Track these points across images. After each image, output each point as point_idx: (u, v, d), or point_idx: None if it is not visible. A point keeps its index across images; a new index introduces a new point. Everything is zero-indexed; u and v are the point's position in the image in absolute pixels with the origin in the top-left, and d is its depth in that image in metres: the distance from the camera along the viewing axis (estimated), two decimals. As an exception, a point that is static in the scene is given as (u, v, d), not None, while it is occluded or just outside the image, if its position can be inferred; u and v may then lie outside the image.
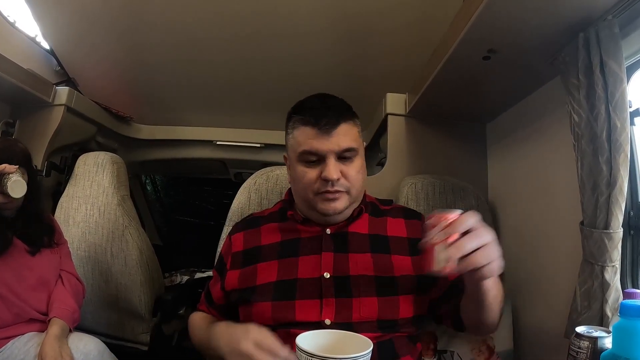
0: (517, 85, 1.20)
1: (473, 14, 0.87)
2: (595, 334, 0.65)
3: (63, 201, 1.66)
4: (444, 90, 1.28)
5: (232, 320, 0.82)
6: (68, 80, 1.84)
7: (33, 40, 1.72)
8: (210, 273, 1.37)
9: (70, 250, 1.39)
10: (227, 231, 1.16)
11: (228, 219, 1.21)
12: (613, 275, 0.81)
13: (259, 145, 2.12)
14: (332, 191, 0.80)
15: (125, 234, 1.57)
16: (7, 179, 1.07)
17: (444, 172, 1.43)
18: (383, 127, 1.57)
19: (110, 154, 1.70)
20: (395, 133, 1.52)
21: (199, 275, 2.20)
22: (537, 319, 1.19)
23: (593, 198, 0.83)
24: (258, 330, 0.67)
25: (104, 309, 1.60)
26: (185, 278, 2.17)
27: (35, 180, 1.30)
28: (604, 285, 0.81)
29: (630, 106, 0.85)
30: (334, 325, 0.76)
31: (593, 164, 0.82)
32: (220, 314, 0.96)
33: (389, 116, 1.51)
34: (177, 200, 3.66)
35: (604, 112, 0.80)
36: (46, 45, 1.75)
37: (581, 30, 0.85)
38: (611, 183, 0.79)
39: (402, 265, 0.83)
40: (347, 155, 0.81)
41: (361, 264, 0.82)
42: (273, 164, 1.33)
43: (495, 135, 1.51)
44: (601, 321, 0.81)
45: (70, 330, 1.18)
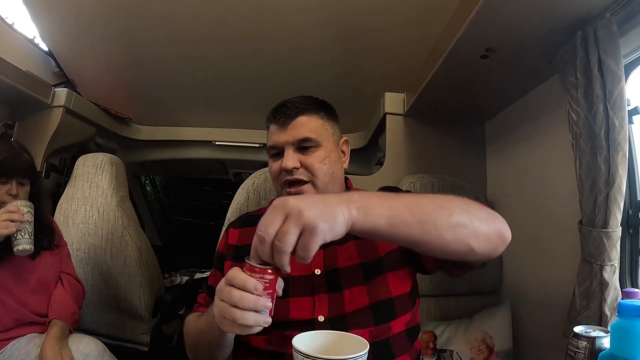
0: (516, 83, 1.20)
1: (471, 13, 0.87)
2: (593, 334, 0.65)
3: (62, 202, 1.66)
4: (442, 89, 1.28)
5: None
6: (67, 82, 1.84)
7: (31, 41, 1.72)
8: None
9: (70, 251, 1.39)
10: (226, 231, 1.16)
11: (227, 219, 1.21)
12: (612, 275, 0.81)
13: (257, 145, 2.12)
14: (292, 180, 0.82)
15: (124, 234, 1.57)
16: (19, 241, 1.08)
17: (443, 171, 1.43)
18: (382, 127, 1.57)
19: (109, 155, 1.70)
20: (394, 132, 1.52)
21: (198, 275, 2.20)
22: (537, 319, 1.19)
23: (592, 197, 0.82)
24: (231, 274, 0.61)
25: (104, 310, 1.60)
26: (185, 278, 2.17)
27: (39, 186, 1.30)
28: (603, 285, 0.81)
29: (628, 104, 0.85)
30: (327, 321, 0.76)
31: (591, 163, 0.82)
32: None
33: (388, 116, 1.51)
34: (177, 200, 3.66)
35: (602, 111, 0.79)
36: (44, 47, 1.75)
37: (579, 28, 0.85)
38: (609, 182, 0.79)
39: (385, 242, 0.82)
40: (306, 145, 0.83)
41: (346, 254, 0.82)
42: (272, 164, 1.33)
43: (494, 134, 1.51)
44: (600, 320, 0.81)
45: (70, 332, 1.18)
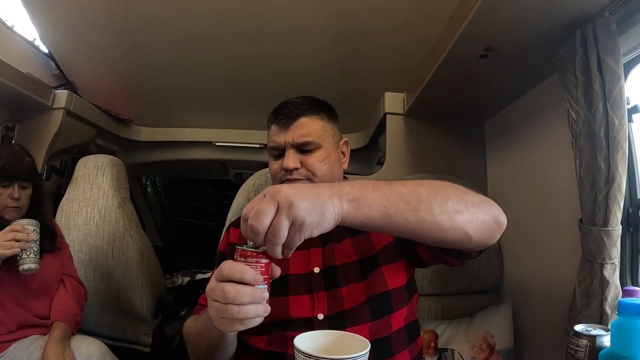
0: (515, 83, 1.20)
1: (470, 12, 0.87)
2: (594, 332, 0.65)
3: (64, 204, 1.66)
4: (442, 89, 1.28)
5: None
6: (67, 84, 1.84)
7: (31, 44, 1.72)
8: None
9: (72, 253, 1.40)
10: (227, 232, 1.16)
11: (228, 219, 1.22)
12: (612, 273, 0.81)
13: (258, 145, 2.12)
14: (292, 179, 0.84)
15: (125, 236, 1.58)
16: (24, 260, 1.08)
17: (443, 171, 1.43)
18: (382, 127, 1.57)
19: (110, 157, 1.70)
20: (394, 132, 1.52)
21: (200, 276, 2.20)
22: (537, 317, 1.19)
23: (592, 195, 0.82)
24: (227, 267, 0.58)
25: (105, 311, 1.60)
26: (187, 279, 2.17)
27: (40, 189, 1.30)
28: (603, 283, 0.81)
29: (628, 103, 0.85)
30: (327, 319, 0.76)
31: (591, 162, 0.82)
32: None
33: (388, 115, 1.51)
34: (178, 201, 3.67)
35: (601, 110, 0.79)
36: (45, 49, 1.75)
37: (578, 27, 0.85)
38: (609, 180, 0.79)
39: (381, 236, 0.83)
40: (306, 147, 0.84)
41: (343, 251, 0.83)
42: (272, 164, 1.33)
43: (493, 133, 1.51)
44: (601, 319, 0.81)
45: (72, 333, 1.19)
